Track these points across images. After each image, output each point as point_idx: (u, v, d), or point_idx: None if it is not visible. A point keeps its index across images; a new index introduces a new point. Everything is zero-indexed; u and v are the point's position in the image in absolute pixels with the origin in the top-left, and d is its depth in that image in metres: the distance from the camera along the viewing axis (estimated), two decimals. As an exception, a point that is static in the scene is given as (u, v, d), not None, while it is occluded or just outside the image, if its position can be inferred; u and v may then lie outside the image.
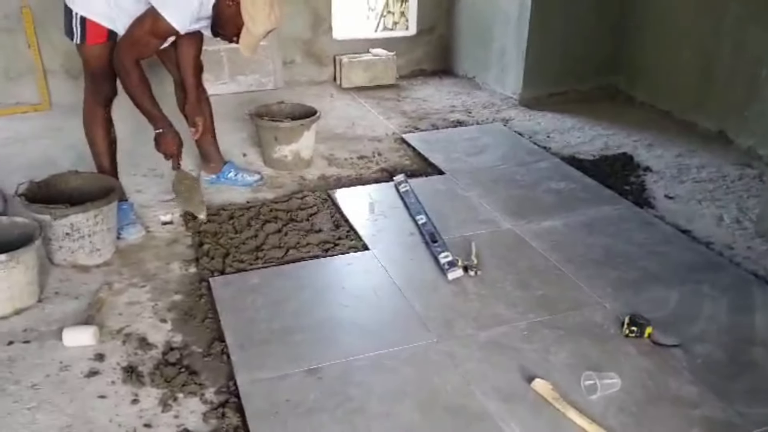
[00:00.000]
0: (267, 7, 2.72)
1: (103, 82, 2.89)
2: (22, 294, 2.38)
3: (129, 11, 2.72)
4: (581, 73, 4.86)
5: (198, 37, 3.04)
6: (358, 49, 5.33)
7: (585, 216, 3.17)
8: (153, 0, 2.62)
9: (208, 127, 3.35)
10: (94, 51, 2.81)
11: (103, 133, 2.99)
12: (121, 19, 2.74)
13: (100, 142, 3.00)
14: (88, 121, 2.99)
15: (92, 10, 2.71)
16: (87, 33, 2.75)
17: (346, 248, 2.89)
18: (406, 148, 4.04)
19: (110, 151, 3.04)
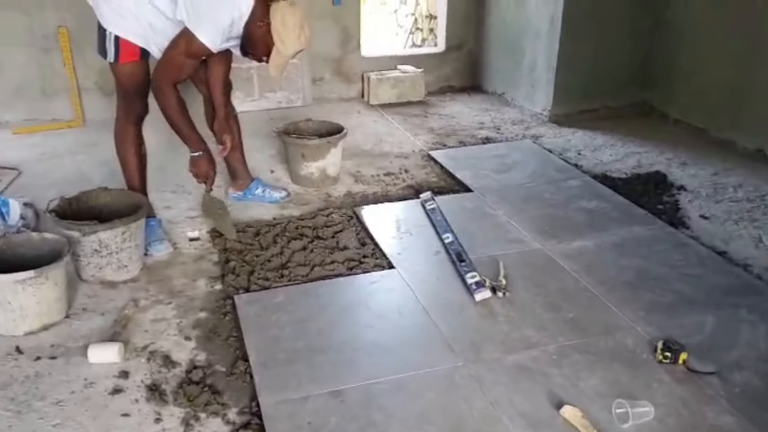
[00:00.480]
0: (297, 29, 2.75)
1: (135, 100, 2.92)
2: (51, 310, 2.40)
3: (163, 31, 2.75)
4: (613, 90, 4.79)
5: (227, 55, 3.07)
6: (386, 66, 5.33)
7: (617, 236, 3.10)
8: (186, 20, 2.65)
9: (236, 144, 3.37)
10: (126, 69, 2.84)
11: (133, 150, 3.02)
12: (153, 38, 2.78)
13: (131, 159, 3.03)
14: (120, 138, 3.02)
15: (126, 29, 2.75)
16: (120, 51, 2.79)
17: (371, 266, 2.86)
18: (433, 165, 4.01)
19: (140, 167, 3.07)
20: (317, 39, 5.01)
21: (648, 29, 4.67)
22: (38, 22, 4.44)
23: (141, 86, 2.89)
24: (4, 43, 4.43)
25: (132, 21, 2.73)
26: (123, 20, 2.73)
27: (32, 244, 2.55)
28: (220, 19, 2.66)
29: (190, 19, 2.64)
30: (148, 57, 2.86)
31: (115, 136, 3.03)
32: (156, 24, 2.74)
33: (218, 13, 2.65)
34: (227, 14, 2.66)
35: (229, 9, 2.66)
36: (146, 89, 2.91)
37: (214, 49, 2.75)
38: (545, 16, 4.63)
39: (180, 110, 2.84)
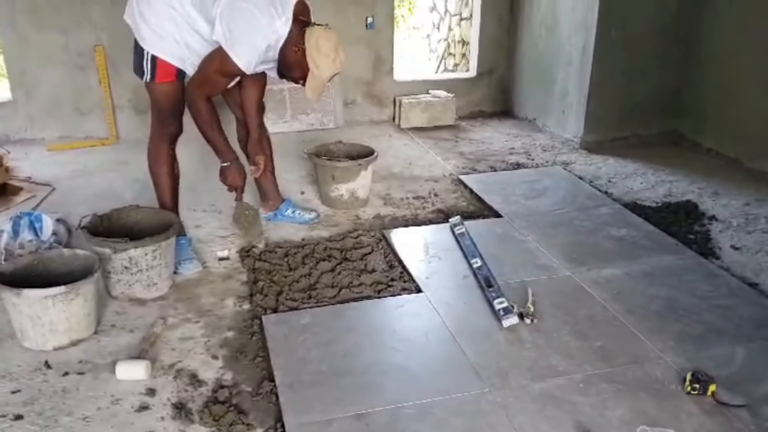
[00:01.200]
0: (332, 53, 2.78)
1: (169, 119, 2.97)
2: (80, 325, 2.42)
3: (198, 51, 2.80)
4: (644, 118, 4.76)
5: (262, 78, 3.11)
6: (417, 91, 5.37)
7: (647, 265, 3.06)
8: (223, 42, 2.70)
9: (267, 165, 3.40)
10: (162, 89, 2.89)
11: (167, 169, 3.06)
12: (190, 58, 2.83)
13: (164, 178, 3.07)
14: (153, 157, 3.06)
15: (164, 49, 2.81)
16: (157, 71, 2.84)
17: (398, 290, 2.85)
18: (462, 189, 4.01)
19: (173, 187, 3.11)
20: (350, 62, 5.07)
21: (680, 58, 4.65)
22: (74, 41, 4.57)
23: (176, 106, 2.93)
24: (41, 62, 4.56)
25: (170, 42, 2.79)
26: (161, 41, 2.79)
27: (64, 259, 2.59)
28: (257, 42, 2.70)
29: (227, 41, 2.68)
30: (183, 77, 2.92)
31: (148, 154, 3.07)
32: (193, 45, 2.80)
33: (255, 37, 2.69)
34: (263, 39, 2.70)
35: (266, 33, 2.70)
36: (181, 109, 2.96)
37: (248, 72, 2.80)
38: (577, 45, 4.63)
39: (211, 121, 2.89)
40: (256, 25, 2.68)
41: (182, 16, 2.74)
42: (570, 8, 4.69)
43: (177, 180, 3.13)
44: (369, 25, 5.06)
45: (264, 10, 2.68)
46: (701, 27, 4.52)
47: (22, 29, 4.46)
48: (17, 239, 2.86)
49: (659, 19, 4.54)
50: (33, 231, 2.90)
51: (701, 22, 4.51)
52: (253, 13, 2.66)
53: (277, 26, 2.71)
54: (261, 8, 2.67)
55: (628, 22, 4.47)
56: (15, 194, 3.71)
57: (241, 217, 3.20)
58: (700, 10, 4.49)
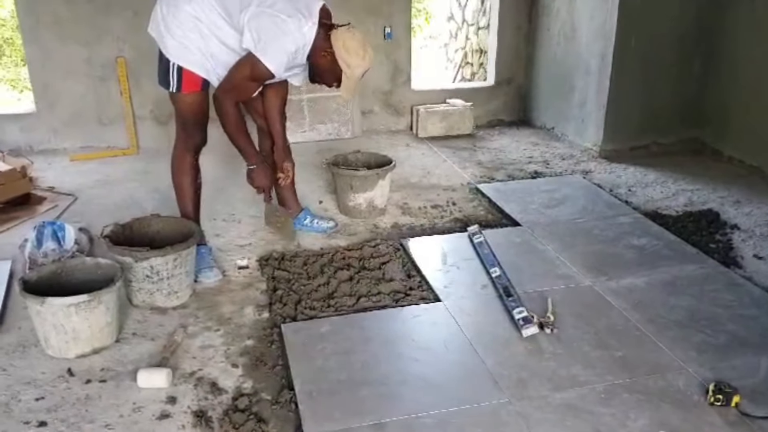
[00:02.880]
0: (360, 50, 2.86)
1: (194, 130, 3.01)
2: (102, 334, 2.45)
3: (224, 61, 2.86)
4: (664, 126, 4.73)
5: (283, 87, 3.18)
6: (435, 100, 5.38)
7: (668, 274, 3.03)
8: (253, 47, 2.75)
9: (291, 181, 3.47)
10: (188, 99, 2.93)
11: (189, 180, 3.08)
12: (215, 69, 2.88)
13: (186, 188, 3.09)
14: (177, 167, 3.09)
15: (190, 60, 2.85)
16: (183, 82, 2.88)
17: (417, 299, 2.85)
18: (481, 198, 4.00)
19: (195, 197, 3.13)
20: (368, 72, 5.10)
21: (700, 66, 4.62)
22: (96, 53, 4.63)
23: (200, 116, 2.99)
24: (64, 74, 4.63)
25: (196, 53, 2.84)
26: (187, 52, 2.84)
27: (86, 268, 2.62)
28: (287, 46, 2.77)
29: (258, 46, 2.74)
30: (208, 88, 2.96)
31: (172, 164, 3.10)
32: (219, 56, 2.85)
33: (284, 40, 2.76)
34: (292, 42, 2.77)
35: (294, 37, 2.77)
36: (205, 120, 3.01)
37: (278, 75, 2.85)
38: (596, 53, 4.62)
39: (239, 126, 2.95)
40: (284, 30, 2.74)
41: (208, 27, 2.79)
42: (589, 16, 4.68)
43: (199, 190, 3.15)
44: (387, 35, 5.09)
45: (291, 15, 2.74)
46: (722, 34, 4.49)
47: (46, 42, 4.53)
48: (41, 248, 2.90)
49: (679, 26, 4.52)
50: (56, 240, 2.93)
51: (722, 29, 4.48)
52: (280, 18, 2.73)
53: (305, 30, 2.77)
54: (288, 13, 2.74)
55: (648, 29, 4.45)
56: (38, 204, 3.76)
57: (272, 218, 3.31)
58: (721, 17, 4.46)
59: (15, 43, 9.93)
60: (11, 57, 10.09)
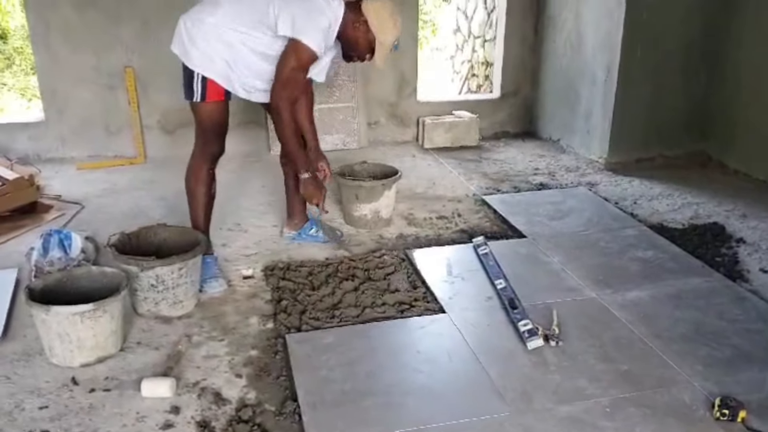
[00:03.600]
0: (391, 18, 3.00)
1: (213, 139, 3.05)
2: (107, 343, 2.45)
3: (258, 71, 2.98)
4: (670, 138, 4.73)
5: (310, 88, 3.29)
6: (441, 111, 5.39)
7: (673, 288, 3.02)
8: (291, 32, 2.83)
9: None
10: (209, 108, 2.98)
11: (204, 189, 3.09)
12: (238, 78, 2.96)
13: (200, 197, 3.10)
14: (192, 176, 3.10)
15: (213, 70, 2.91)
16: (207, 91, 2.94)
17: (422, 310, 2.85)
18: (486, 209, 4.00)
19: (207, 206, 3.14)
20: (374, 84, 5.14)
21: (707, 78, 4.62)
22: (105, 61, 4.66)
23: (220, 126, 3.05)
24: (73, 82, 4.66)
25: (219, 63, 2.90)
26: (211, 62, 2.90)
27: (92, 277, 2.63)
28: (320, 23, 2.87)
29: (295, 29, 2.83)
30: (229, 98, 3.03)
31: (188, 171, 3.11)
32: (252, 66, 2.96)
33: (318, 18, 2.87)
34: (325, 18, 2.88)
35: (326, 14, 2.88)
36: (224, 130, 3.08)
37: (320, 54, 2.93)
38: (601, 65, 4.63)
39: (295, 131, 3.09)
40: (315, 8, 2.86)
41: (236, 37, 2.87)
42: (594, 28, 4.69)
43: (212, 200, 3.16)
44: (394, 47, 5.09)
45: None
46: (728, 47, 4.49)
47: (56, 50, 4.57)
48: (47, 256, 2.91)
49: (685, 38, 4.53)
50: (62, 248, 2.95)
51: (728, 42, 4.49)
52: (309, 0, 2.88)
53: (334, 6, 2.90)
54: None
55: (654, 41, 4.46)
56: (45, 212, 3.78)
57: (332, 234, 3.54)
58: (727, 30, 4.47)
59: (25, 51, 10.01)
60: (21, 66, 10.16)
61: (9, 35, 10.00)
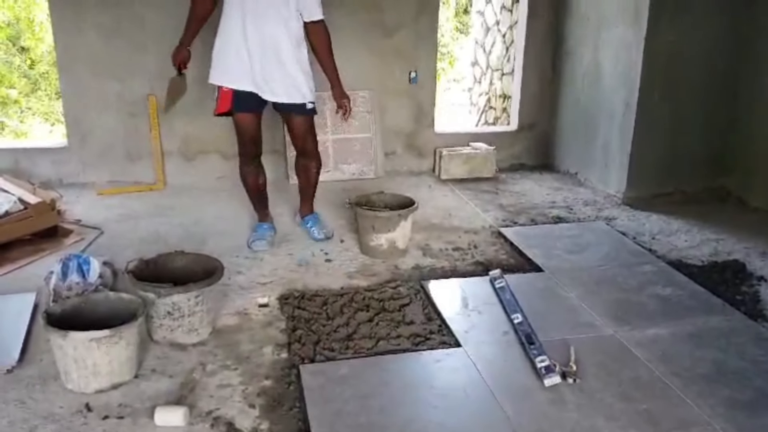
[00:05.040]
0: None
1: (245, 143, 3.64)
2: (122, 369, 2.45)
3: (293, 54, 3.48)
4: (689, 174, 4.70)
5: (322, 29, 3.53)
6: (458, 143, 5.41)
7: (693, 326, 2.98)
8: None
9: (311, 183, 3.92)
10: (235, 118, 3.56)
11: (249, 180, 3.76)
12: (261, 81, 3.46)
13: (248, 187, 3.81)
14: (240, 170, 3.76)
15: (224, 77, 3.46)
16: (218, 101, 3.51)
17: (437, 343, 2.82)
18: (503, 242, 3.98)
19: (257, 194, 3.84)
20: (392, 114, 5.18)
21: (726, 113, 4.61)
22: (128, 89, 4.74)
23: (249, 134, 3.59)
24: (97, 109, 4.73)
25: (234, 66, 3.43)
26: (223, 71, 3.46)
27: (109, 303, 2.64)
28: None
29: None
30: (244, 110, 3.49)
31: (239, 167, 3.76)
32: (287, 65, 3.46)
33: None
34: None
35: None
36: (253, 137, 3.61)
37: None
38: (619, 99, 4.63)
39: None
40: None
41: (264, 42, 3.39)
42: (613, 64, 4.71)
43: (260, 189, 3.82)
44: (412, 79, 5.16)
45: None
46: (747, 82, 4.49)
47: (81, 77, 4.65)
48: (66, 281, 2.93)
49: (704, 74, 4.52)
50: (81, 273, 2.96)
51: (747, 77, 4.48)
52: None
53: None
54: None
55: (673, 76, 4.46)
56: (65, 236, 3.82)
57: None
58: (746, 66, 4.47)
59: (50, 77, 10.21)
60: (46, 91, 10.36)
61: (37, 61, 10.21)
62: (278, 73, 3.43)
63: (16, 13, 9.30)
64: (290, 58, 3.42)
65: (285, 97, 3.49)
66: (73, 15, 4.54)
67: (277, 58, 3.40)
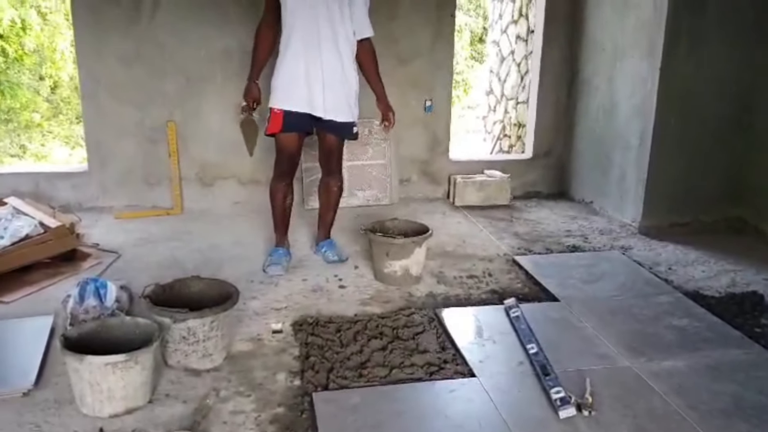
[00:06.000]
0: None
1: (281, 163, 3.77)
2: (136, 394, 2.46)
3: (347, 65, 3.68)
4: (705, 204, 4.68)
5: (370, 46, 3.76)
6: (472, 170, 5.44)
7: (710, 358, 2.95)
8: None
9: (331, 205, 4.01)
10: (278, 138, 3.69)
11: (277, 199, 3.84)
12: (317, 98, 3.60)
13: (275, 206, 3.87)
14: (270, 188, 3.86)
15: (280, 99, 3.61)
16: (270, 123, 3.65)
17: (451, 373, 2.81)
18: (517, 270, 3.97)
19: (282, 214, 3.89)
20: (407, 142, 5.21)
21: (743, 143, 4.59)
22: (148, 115, 4.81)
23: (288, 154, 3.72)
24: (117, 135, 4.81)
25: (291, 90, 3.57)
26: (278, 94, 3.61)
27: (125, 327, 2.65)
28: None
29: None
30: (289, 131, 3.62)
31: (270, 184, 3.86)
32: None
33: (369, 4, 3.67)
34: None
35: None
36: (291, 157, 3.73)
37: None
38: (635, 129, 4.64)
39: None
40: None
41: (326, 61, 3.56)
42: (628, 94, 4.72)
43: (286, 208, 3.88)
44: (428, 108, 5.20)
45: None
46: (764, 112, 4.48)
47: (103, 104, 4.73)
48: (83, 304, 2.95)
49: (721, 104, 4.52)
50: (98, 297, 2.99)
51: (764, 107, 4.47)
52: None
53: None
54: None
55: (689, 107, 4.47)
56: (83, 260, 3.86)
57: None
58: (763, 95, 4.46)
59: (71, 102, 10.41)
60: (66, 115, 10.55)
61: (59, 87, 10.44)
62: (336, 94, 3.61)
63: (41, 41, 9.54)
64: (349, 78, 3.63)
65: (337, 116, 3.66)
66: (97, 43, 4.63)
67: (336, 78, 3.58)
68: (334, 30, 3.52)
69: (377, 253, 3.72)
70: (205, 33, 4.67)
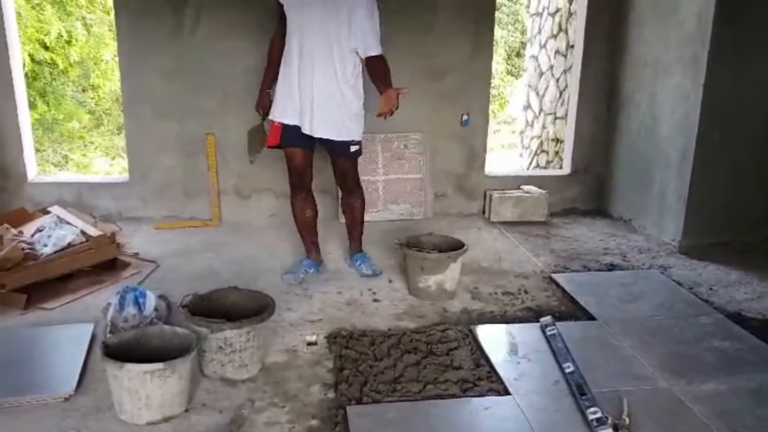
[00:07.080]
0: None
1: (292, 176, 3.83)
2: (173, 403, 2.49)
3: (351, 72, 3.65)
4: (748, 223, 4.58)
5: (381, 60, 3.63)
6: (509, 185, 5.40)
7: (753, 382, 2.87)
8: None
9: (357, 219, 4.04)
10: (286, 152, 3.75)
11: (298, 211, 3.91)
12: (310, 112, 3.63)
13: (296, 219, 3.95)
14: (292, 205, 3.93)
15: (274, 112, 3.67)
16: (269, 136, 3.73)
17: (485, 390, 2.79)
18: (554, 288, 3.93)
19: (305, 225, 3.95)
20: (443, 156, 5.21)
21: (788, 163, 4.49)
22: (187, 128, 4.89)
23: (296, 169, 3.77)
24: (157, 147, 4.89)
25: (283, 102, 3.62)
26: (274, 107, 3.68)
27: (164, 336, 2.70)
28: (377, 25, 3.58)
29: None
30: (294, 146, 3.66)
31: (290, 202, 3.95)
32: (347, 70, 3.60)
33: (377, 23, 3.57)
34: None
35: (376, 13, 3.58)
36: (300, 172, 3.78)
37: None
38: (677, 146, 4.56)
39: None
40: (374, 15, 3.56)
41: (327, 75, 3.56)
42: (670, 109, 4.66)
43: (307, 221, 3.94)
44: (464, 122, 5.18)
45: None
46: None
47: (144, 117, 4.83)
48: (122, 313, 3.01)
49: (765, 120, 4.43)
50: (137, 306, 3.04)
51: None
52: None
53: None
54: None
55: (732, 124, 4.39)
56: (123, 269, 3.93)
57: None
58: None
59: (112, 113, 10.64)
60: (107, 126, 10.80)
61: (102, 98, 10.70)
62: (328, 112, 3.57)
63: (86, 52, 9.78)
64: (346, 96, 3.58)
65: (326, 134, 3.63)
66: (140, 58, 4.73)
67: (329, 96, 3.55)
68: (331, 47, 3.49)
69: (412, 267, 3.72)
70: (244, 47, 4.74)
